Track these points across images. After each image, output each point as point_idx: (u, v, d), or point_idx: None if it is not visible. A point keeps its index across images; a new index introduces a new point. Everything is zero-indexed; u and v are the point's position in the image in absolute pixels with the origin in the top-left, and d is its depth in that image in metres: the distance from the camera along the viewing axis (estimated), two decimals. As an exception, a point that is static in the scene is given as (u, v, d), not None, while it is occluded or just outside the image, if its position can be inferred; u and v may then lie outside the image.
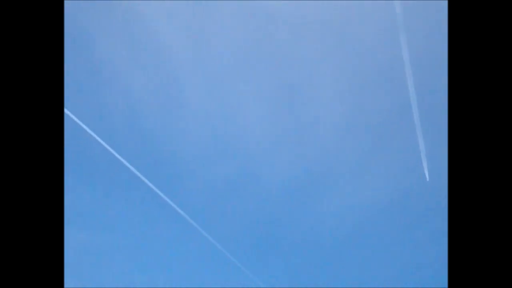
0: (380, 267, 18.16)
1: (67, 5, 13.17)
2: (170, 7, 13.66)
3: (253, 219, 17.39)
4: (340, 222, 17.54)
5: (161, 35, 14.13)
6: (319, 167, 16.36)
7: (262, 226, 17.55)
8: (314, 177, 16.62)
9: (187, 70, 14.71)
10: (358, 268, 18.25)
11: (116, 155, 14.75)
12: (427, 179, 15.46)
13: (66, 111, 13.60)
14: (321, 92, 14.97)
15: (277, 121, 15.52)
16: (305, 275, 18.30)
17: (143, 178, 15.24)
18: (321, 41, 13.88)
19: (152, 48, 14.30)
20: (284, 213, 17.33)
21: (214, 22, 13.82)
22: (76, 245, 16.07)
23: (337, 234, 17.77)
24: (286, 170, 16.49)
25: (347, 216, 17.39)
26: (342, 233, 17.78)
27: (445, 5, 12.24)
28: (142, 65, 14.50)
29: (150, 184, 15.32)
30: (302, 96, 15.05)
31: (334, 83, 14.74)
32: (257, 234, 17.74)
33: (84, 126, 14.15)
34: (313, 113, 15.26)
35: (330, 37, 13.82)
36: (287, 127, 15.58)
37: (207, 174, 16.39)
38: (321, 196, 17.06)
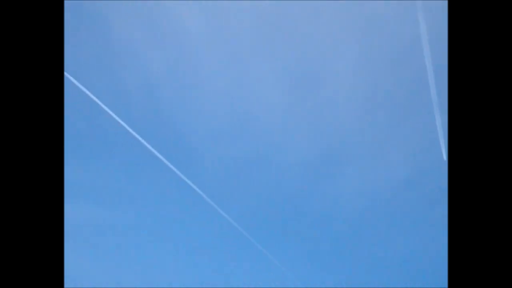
0: (395, 247, 18.13)
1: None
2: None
3: (269, 197, 17.43)
4: (357, 201, 17.53)
5: (177, 14, 14.15)
6: (335, 146, 16.35)
7: (278, 204, 17.60)
8: (331, 156, 16.61)
9: (204, 49, 14.74)
10: (373, 248, 18.25)
11: (133, 132, 14.87)
12: (444, 159, 15.35)
13: (82, 88, 13.72)
14: (338, 70, 14.92)
15: (294, 100, 15.51)
16: (320, 254, 18.34)
17: (159, 155, 15.35)
18: (338, 19, 13.79)
19: (168, 27, 14.33)
20: (300, 191, 17.36)
21: (231, 2, 13.76)
22: (90, 221, 16.29)
23: (353, 213, 17.76)
24: (302, 149, 16.49)
25: (363, 195, 17.37)
26: (358, 212, 17.77)
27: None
28: (159, 44, 14.55)
29: (166, 161, 15.43)
30: (319, 75, 15.01)
31: (351, 62, 14.67)
32: (273, 212, 17.80)
33: (101, 103, 14.27)
34: (330, 92, 15.22)
35: (347, 17, 13.71)
36: (303, 106, 15.55)
37: (223, 153, 16.45)
38: (338, 175, 17.05)
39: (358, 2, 13.37)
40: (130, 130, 14.81)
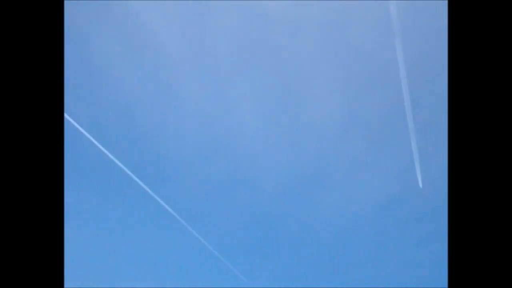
0: (371, 269, 18.18)
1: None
2: (166, 6, 13.63)
3: (247, 220, 17.38)
4: (334, 224, 17.57)
5: (157, 34, 14.10)
6: (313, 168, 16.41)
7: (255, 227, 17.54)
8: (309, 178, 16.66)
9: (183, 70, 14.70)
10: (350, 270, 18.26)
11: (109, 155, 14.69)
12: (420, 186, 15.52)
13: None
14: (316, 93, 14.99)
15: (273, 122, 15.55)
16: (298, 276, 18.28)
17: (135, 178, 15.18)
18: (317, 43, 13.89)
19: (148, 47, 14.27)
20: (278, 214, 17.35)
21: (211, 22, 13.80)
22: (67, 245, 15.97)
23: (330, 236, 17.80)
24: (280, 171, 16.52)
25: (340, 218, 17.43)
26: (335, 235, 17.82)
27: (441, 6, 12.28)
28: (138, 64, 14.47)
29: (142, 184, 15.27)
30: (298, 97, 15.07)
31: (330, 84, 14.77)
32: (250, 235, 17.72)
33: (77, 125, 14.10)
34: (308, 114, 15.29)
35: (326, 39, 13.83)
36: (282, 128, 15.61)
37: (201, 174, 16.38)
38: (315, 198, 17.09)
39: (337, 26, 13.51)
40: (105, 150, 14.64)
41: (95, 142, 14.50)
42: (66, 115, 13.95)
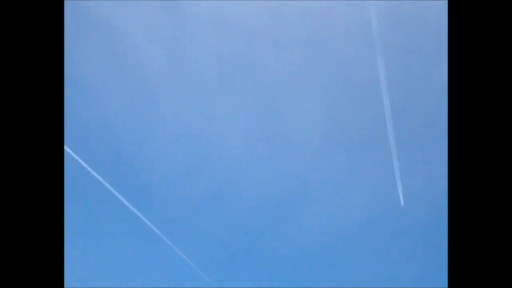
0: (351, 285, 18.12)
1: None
2: (148, 22, 13.66)
3: (228, 236, 17.28)
4: (315, 241, 17.53)
5: (138, 51, 14.11)
6: (295, 184, 16.41)
7: (236, 243, 17.44)
8: (290, 194, 16.66)
9: (164, 85, 14.68)
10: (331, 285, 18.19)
11: (91, 171, 14.56)
12: (402, 204, 15.57)
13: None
14: (298, 110, 15.07)
15: (254, 138, 15.56)
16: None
17: (116, 194, 15.04)
18: (298, 58, 13.99)
19: (129, 64, 14.25)
20: (258, 230, 17.29)
21: (193, 38, 13.85)
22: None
23: (312, 252, 17.73)
24: (262, 187, 16.50)
25: (321, 235, 17.39)
26: (317, 252, 17.76)
27: (421, 23, 12.47)
28: (118, 80, 14.43)
29: (123, 200, 15.13)
30: (280, 114, 15.14)
31: (311, 101, 14.85)
32: (231, 251, 17.61)
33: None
34: (290, 131, 15.34)
35: (307, 55, 13.93)
36: (264, 145, 15.62)
37: (183, 190, 16.28)
38: (297, 214, 17.05)
39: (319, 41, 13.64)
40: (85, 165, 14.51)
41: (77, 158, 14.38)
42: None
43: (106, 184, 14.96)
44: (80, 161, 14.41)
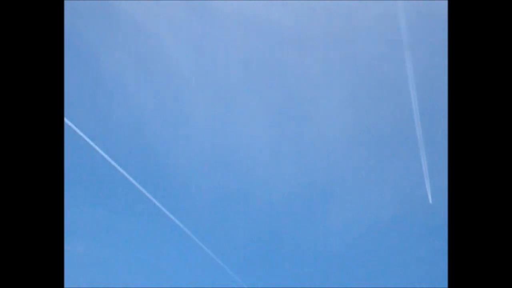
0: (378, 284, 18.01)
1: (71, 21, 13.34)
2: (176, 21, 13.81)
3: (254, 233, 17.33)
4: (341, 238, 17.47)
5: (166, 49, 14.27)
6: (321, 181, 16.38)
7: (262, 240, 17.48)
8: (316, 191, 16.62)
9: (192, 85, 14.82)
10: (358, 284, 18.10)
11: (119, 168, 14.75)
12: (430, 202, 15.42)
13: (69, 122, 13.66)
14: (324, 106, 15.06)
15: (280, 135, 15.58)
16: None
17: (144, 191, 15.21)
18: (324, 55, 14.01)
19: (158, 63, 14.43)
20: (285, 227, 17.29)
21: (220, 37, 13.96)
22: (75, 258, 15.96)
23: (337, 250, 17.68)
24: (288, 184, 16.50)
25: (347, 232, 17.33)
26: (342, 249, 17.69)
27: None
28: (148, 80, 14.61)
29: (151, 197, 15.30)
30: (306, 110, 15.15)
31: (337, 97, 14.84)
32: (257, 248, 17.66)
33: (85, 137, 14.20)
34: (316, 127, 15.33)
35: (334, 51, 13.94)
36: (290, 141, 15.64)
37: (210, 188, 16.39)
38: (323, 212, 17.03)
39: (345, 40, 13.63)
40: (114, 163, 14.71)
41: (105, 156, 14.58)
42: (77, 130, 14.05)
43: (134, 182, 15.14)
44: (109, 159, 14.62)
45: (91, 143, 14.32)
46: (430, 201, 15.60)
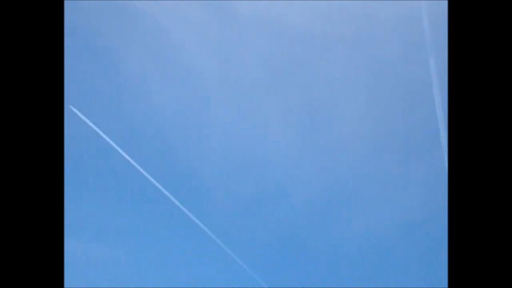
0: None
1: (93, 24, 13.49)
2: (197, 25, 13.88)
3: (277, 236, 17.26)
4: (363, 243, 17.29)
5: (188, 53, 14.35)
6: (343, 185, 16.24)
7: (285, 244, 17.40)
8: (338, 195, 16.50)
9: (213, 88, 14.86)
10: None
11: (140, 169, 14.84)
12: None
13: (90, 124, 13.79)
14: (346, 110, 14.97)
15: (302, 139, 15.51)
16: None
17: (167, 193, 15.28)
18: (346, 59, 13.93)
19: (179, 65, 14.50)
20: (308, 231, 17.19)
21: (240, 39, 13.98)
22: (95, 260, 16.08)
23: (360, 254, 17.51)
24: (310, 188, 16.39)
25: (370, 237, 17.15)
26: (365, 253, 17.52)
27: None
28: (169, 82, 14.69)
29: (173, 199, 15.36)
30: (328, 114, 15.06)
31: (359, 101, 14.73)
32: (280, 252, 17.60)
33: (108, 138, 14.31)
34: (338, 131, 15.23)
35: (355, 55, 13.86)
36: (312, 145, 15.55)
37: (231, 191, 16.36)
38: (345, 215, 16.89)
39: (367, 41, 13.53)
40: (138, 166, 14.80)
41: (130, 160, 14.68)
42: (101, 133, 14.18)
43: (158, 185, 15.22)
44: (133, 162, 14.72)
45: (112, 143, 14.43)
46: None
